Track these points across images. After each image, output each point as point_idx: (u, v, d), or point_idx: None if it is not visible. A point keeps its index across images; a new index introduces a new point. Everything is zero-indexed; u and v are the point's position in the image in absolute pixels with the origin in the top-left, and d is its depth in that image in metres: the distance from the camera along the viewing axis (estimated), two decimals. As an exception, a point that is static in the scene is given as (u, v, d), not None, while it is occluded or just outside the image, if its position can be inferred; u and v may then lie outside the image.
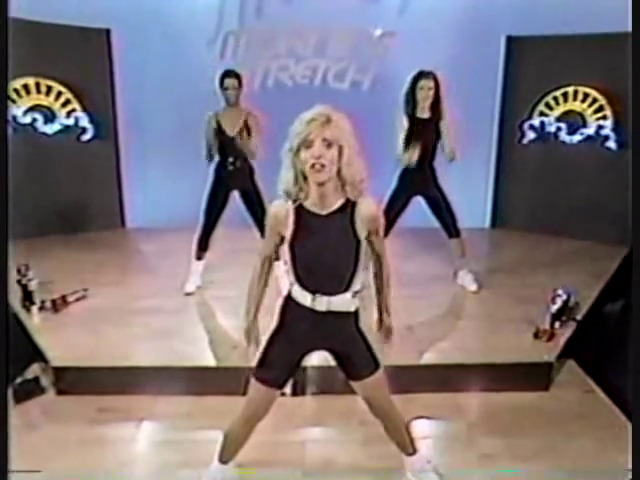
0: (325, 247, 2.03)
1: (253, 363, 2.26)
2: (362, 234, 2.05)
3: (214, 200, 4.35)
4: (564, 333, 3.79)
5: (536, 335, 3.74)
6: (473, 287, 4.56)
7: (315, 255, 2.03)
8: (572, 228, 5.99)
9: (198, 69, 5.58)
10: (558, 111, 5.99)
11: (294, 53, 6.18)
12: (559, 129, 6.02)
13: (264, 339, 2.27)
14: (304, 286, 2.10)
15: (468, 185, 6.06)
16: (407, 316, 3.97)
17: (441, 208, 4.42)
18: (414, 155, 4.18)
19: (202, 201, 4.39)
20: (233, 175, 4.30)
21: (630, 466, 1.88)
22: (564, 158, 6.02)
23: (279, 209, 2.07)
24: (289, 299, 2.18)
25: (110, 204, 6.43)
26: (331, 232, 2.02)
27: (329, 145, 1.92)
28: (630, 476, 1.92)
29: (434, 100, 4.19)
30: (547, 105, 6.03)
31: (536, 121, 6.11)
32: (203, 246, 4.46)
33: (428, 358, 3.59)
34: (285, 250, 2.11)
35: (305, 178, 1.99)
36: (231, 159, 4.26)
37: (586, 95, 5.80)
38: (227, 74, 4.21)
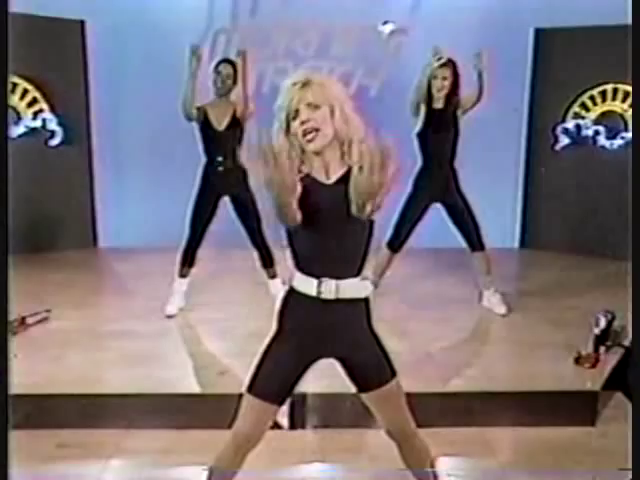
0: (332, 221, 1.99)
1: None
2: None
3: (201, 207, 4.31)
4: (609, 360, 3.71)
5: (577, 360, 3.66)
6: (502, 309, 4.48)
7: (322, 230, 1.99)
8: (614, 248, 5.87)
9: (183, 70, 5.56)
10: (596, 112, 6.00)
11: (293, 54, 6.17)
12: (597, 133, 6.02)
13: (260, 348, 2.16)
14: (308, 272, 2.05)
15: (493, 198, 5.97)
16: (425, 341, 3.97)
17: (463, 216, 4.38)
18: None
19: (186, 217, 4.33)
20: (223, 178, 4.28)
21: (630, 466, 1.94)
22: (603, 166, 6.00)
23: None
24: (289, 295, 2.12)
25: (80, 220, 6.38)
26: (336, 203, 1.98)
27: (316, 107, 1.94)
28: (630, 476, 1.98)
29: (450, 90, 4.23)
30: (583, 106, 6.03)
31: (571, 124, 6.10)
32: (188, 261, 4.38)
33: (450, 386, 3.50)
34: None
35: (303, 151, 2.00)
36: (220, 158, 4.24)
37: (627, 94, 5.75)
38: (224, 60, 4.34)
